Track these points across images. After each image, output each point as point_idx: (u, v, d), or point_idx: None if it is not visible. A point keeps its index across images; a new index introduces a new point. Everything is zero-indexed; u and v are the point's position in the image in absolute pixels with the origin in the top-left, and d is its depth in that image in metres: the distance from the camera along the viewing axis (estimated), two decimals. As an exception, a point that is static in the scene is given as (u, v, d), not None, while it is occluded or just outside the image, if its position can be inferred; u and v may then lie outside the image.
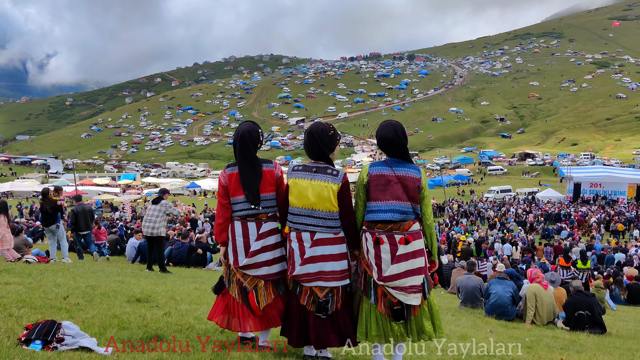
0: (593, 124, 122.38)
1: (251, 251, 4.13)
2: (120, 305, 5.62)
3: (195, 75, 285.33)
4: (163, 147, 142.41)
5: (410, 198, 3.85)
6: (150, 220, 11.00)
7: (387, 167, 3.91)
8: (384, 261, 3.85)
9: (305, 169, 3.97)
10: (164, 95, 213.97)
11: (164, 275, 10.44)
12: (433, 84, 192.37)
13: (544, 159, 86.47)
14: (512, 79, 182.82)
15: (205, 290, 7.95)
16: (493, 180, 72.08)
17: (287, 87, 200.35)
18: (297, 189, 3.95)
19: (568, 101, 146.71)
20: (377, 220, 3.87)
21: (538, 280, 9.04)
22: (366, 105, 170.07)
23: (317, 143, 3.95)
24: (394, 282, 3.83)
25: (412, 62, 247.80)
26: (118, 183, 73.39)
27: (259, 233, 4.14)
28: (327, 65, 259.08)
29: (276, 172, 4.19)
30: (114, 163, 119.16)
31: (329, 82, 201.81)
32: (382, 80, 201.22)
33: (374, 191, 3.89)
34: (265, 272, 4.15)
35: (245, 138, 4.12)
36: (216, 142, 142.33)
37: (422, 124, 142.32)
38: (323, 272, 3.91)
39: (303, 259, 3.92)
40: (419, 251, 3.90)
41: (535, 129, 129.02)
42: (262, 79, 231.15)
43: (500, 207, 43.72)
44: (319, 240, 3.90)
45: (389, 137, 3.92)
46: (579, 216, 36.58)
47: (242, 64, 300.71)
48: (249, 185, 4.08)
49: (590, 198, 47.32)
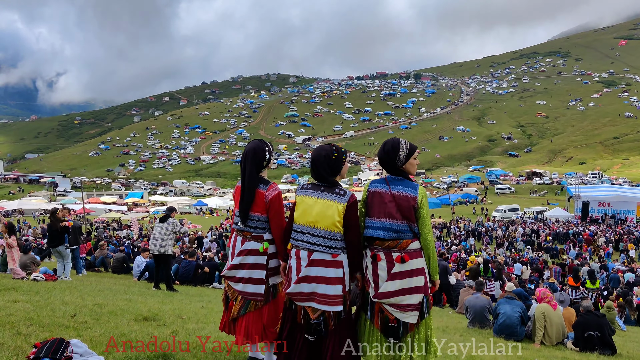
0: (600, 143, 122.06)
1: (231, 264, 4.27)
2: (128, 324, 5.62)
3: (203, 95, 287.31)
4: (170, 165, 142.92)
5: (405, 217, 3.84)
6: (158, 238, 11.03)
7: (384, 184, 3.95)
8: (380, 278, 3.85)
9: (313, 187, 3.99)
10: (172, 114, 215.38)
11: (171, 294, 10.43)
12: (440, 102, 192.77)
13: (552, 178, 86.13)
14: (518, 97, 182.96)
15: (212, 309, 7.94)
16: (501, 199, 71.78)
17: (294, 105, 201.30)
18: (302, 206, 3.95)
19: (575, 120, 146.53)
20: (372, 237, 3.90)
21: (547, 300, 8.97)
22: (373, 124, 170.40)
23: (319, 170, 3.96)
24: (389, 299, 3.82)
25: (418, 81, 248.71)
26: (125, 201, 73.62)
27: (240, 249, 4.24)
28: (334, 84, 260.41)
29: (266, 196, 4.15)
30: (121, 181, 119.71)
31: (335, 101, 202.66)
32: (388, 99, 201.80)
33: (371, 207, 3.95)
34: (240, 288, 4.24)
35: (248, 156, 4.21)
36: (223, 160, 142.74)
37: (428, 142, 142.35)
38: (316, 293, 3.85)
39: (298, 277, 3.88)
40: (417, 270, 3.86)
41: (543, 147, 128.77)
42: (269, 98, 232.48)
43: (508, 226, 43.48)
44: (315, 260, 3.85)
45: (380, 156, 4.03)
46: (588, 235, 36.29)
47: (250, 83, 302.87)
48: (242, 202, 4.17)
49: (598, 217, 47.00)
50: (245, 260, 4.20)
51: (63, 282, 10.25)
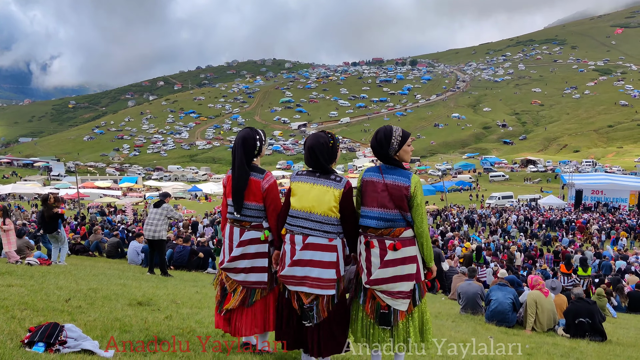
0: (595, 131, 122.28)
1: (232, 256, 4.23)
2: (122, 309, 5.64)
3: (198, 79, 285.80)
4: (165, 150, 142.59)
5: (397, 206, 3.83)
6: (152, 223, 11.04)
7: (378, 173, 3.93)
8: (373, 264, 3.86)
9: (309, 174, 4.00)
10: (167, 99, 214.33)
11: (165, 279, 10.47)
12: (435, 89, 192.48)
13: (546, 166, 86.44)
14: (514, 85, 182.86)
15: (206, 294, 7.98)
16: (495, 186, 72.03)
17: (290, 91, 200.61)
18: (299, 192, 3.96)
19: (570, 108, 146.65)
20: (365, 226, 3.91)
21: (539, 287, 9.05)
22: (368, 110, 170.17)
23: (317, 158, 3.97)
24: (381, 286, 3.84)
25: (414, 68, 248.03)
26: (119, 186, 73.44)
27: (240, 239, 4.21)
28: (330, 70, 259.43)
29: (262, 184, 4.15)
30: (116, 166, 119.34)
31: (331, 87, 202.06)
32: (384, 85, 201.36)
33: (364, 197, 3.94)
34: (241, 278, 4.22)
35: (240, 145, 4.18)
36: (218, 146, 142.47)
37: (424, 129, 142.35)
38: (308, 277, 3.87)
39: (292, 261, 3.90)
40: (410, 258, 3.87)
41: (537, 135, 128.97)
42: (264, 83, 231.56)
43: (502, 213, 43.69)
44: (311, 244, 3.88)
45: (372, 145, 4.01)
46: (581, 223, 36.52)
47: (245, 68, 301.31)
48: (234, 191, 4.15)
49: (591, 205, 47.26)
50: (247, 250, 4.20)
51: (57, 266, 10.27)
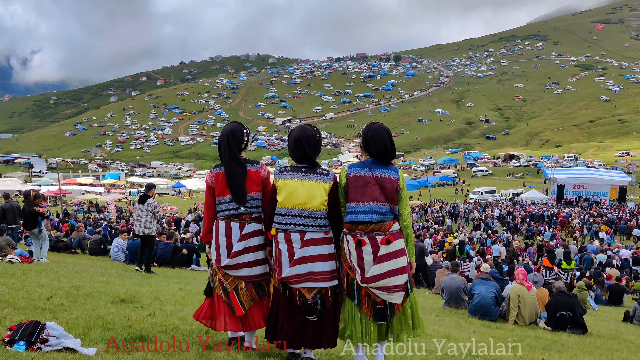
0: (577, 126, 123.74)
1: (233, 251, 4.16)
2: (105, 306, 5.60)
3: (181, 74, 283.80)
4: (148, 146, 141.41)
5: (388, 199, 3.88)
6: (141, 219, 10.98)
7: (365, 168, 3.93)
8: (366, 262, 3.87)
9: (294, 170, 3.99)
10: (150, 94, 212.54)
11: (149, 276, 10.40)
12: (419, 85, 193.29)
13: (528, 161, 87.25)
14: (497, 80, 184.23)
15: (190, 291, 7.94)
16: (478, 181, 72.57)
17: (274, 87, 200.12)
18: (286, 189, 3.94)
19: (552, 103, 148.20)
20: (357, 222, 3.89)
21: (520, 280, 9.15)
22: (352, 105, 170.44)
23: (304, 150, 3.97)
24: (377, 282, 3.85)
25: (398, 64, 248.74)
26: (102, 182, 72.76)
27: (241, 234, 4.16)
28: (314, 65, 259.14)
29: (262, 173, 4.21)
30: (98, 162, 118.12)
31: (315, 83, 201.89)
32: (368, 81, 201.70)
33: (353, 192, 3.92)
34: (246, 273, 4.17)
35: (229, 138, 4.15)
36: (202, 141, 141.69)
37: (407, 125, 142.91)
38: (313, 272, 3.90)
39: (293, 261, 3.89)
40: (401, 251, 3.92)
41: (520, 130, 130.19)
42: (248, 78, 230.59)
43: (485, 208, 44.05)
44: (310, 240, 3.90)
45: (385, 144, 3.94)
46: (563, 217, 36.94)
47: (229, 63, 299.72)
48: (235, 184, 4.10)
49: (573, 199, 47.84)
50: (250, 244, 4.16)
51: (39, 264, 10.15)
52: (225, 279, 4.19)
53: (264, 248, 4.21)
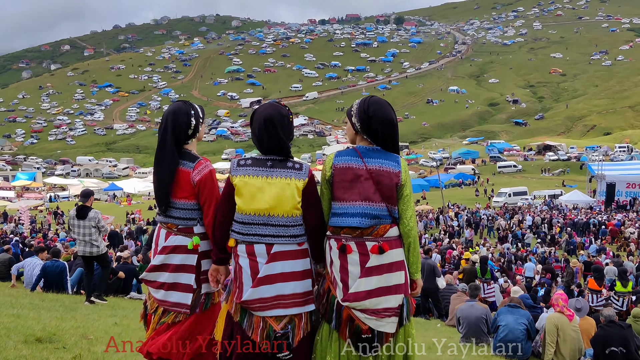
0: (631, 108, 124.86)
1: (151, 264, 4.19)
2: (15, 347, 5.55)
3: (116, 42, 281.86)
4: (72, 137, 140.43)
5: (385, 198, 3.82)
6: (83, 237, 10.75)
7: (356, 157, 3.88)
8: (350, 275, 3.81)
9: (256, 164, 3.91)
10: (74, 68, 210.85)
11: (74, 307, 10.31)
12: (427, 55, 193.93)
13: (569, 153, 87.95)
14: (528, 49, 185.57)
15: (128, 326, 7.89)
16: (504, 180, 73.05)
17: (238, 58, 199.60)
18: (247, 190, 3.87)
19: (599, 78, 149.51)
20: (342, 226, 3.85)
21: (560, 308, 9.20)
22: (342, 82, 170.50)
23: (277, 135, 3.90)
24: (362, 302, 3.76)
25: (400, 27, 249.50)
26: (12, 185, 71.99)
27: (163, 245, 4.18)
28: (291, 30, 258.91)
29: (193, 176, 4.13)
30: (6, 158, 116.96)
31: (293, 52, 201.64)
32: (362, 50, 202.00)
33: (339, 188, 3.88)
34: (160, 296, 4.17)
35: (167, 123, 4.14)
36: (143, 130, 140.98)
37: (413, 107, 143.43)
38: (282, 295, 3.82)
39: (256, 280, 3.81)
40: (398, 264, 3.85)
41: (558, 114, 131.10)
42: (204, 47, 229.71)
43: (513, 214, 44.30)
44: (278, 253, 3.83)
45: (394, 121, 3.95)
46: (614, 226, 37.19)
47: (179, 27, 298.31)
48: (159, 184, 4.12)
49: (627, 202, 48.29)
50: (169, 260, 4.14)
51: None
52: (149, 297, 4.27)
53: (190, 272, 4.16)
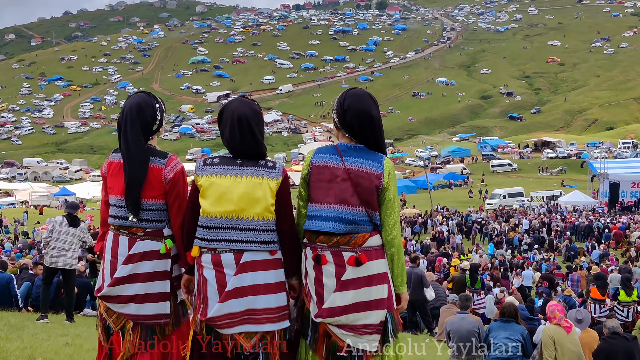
0: (635, 100, 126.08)
1: (115, 277, 4.11)
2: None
3: (67, 30, 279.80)
4: (18, 136, 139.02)
5: (364, 202, 3.81)
6: (67, 246, 10.94)
7: (335, 155, 3.87)
8: (325, 288, 3.80)
9: (225, 162, 3.89)
10: (20, 60, 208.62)
11: (21, 325, 10.22)
12: (413, 44, 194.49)
13: (569, 150, 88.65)
14: (523, 36, 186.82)
15: (81, 346, 7.85)
16: (498, 179, 73.43)
17: (204, 47, 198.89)
18: (214, 191, 3.84)
19: (601, 68, 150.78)
20: (315, 231, 3.84)
21: (557, 320, 9.25)
22: (319, 74, 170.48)
23: (253, 134, 3.89)
24: (338, 317, 3.76)
25: (383, 13, 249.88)
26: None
27: (128, 254, 4.12)
28: (262, 15, 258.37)
29: (165, 173, 4.13)
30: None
31: (264, 41, 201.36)
32: (341, 38, 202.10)
33: (315, 188, 3.88)
34: (132, 311, 4.12)
35: (133, 115, 4.11)
36: (98, 128, 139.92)
37: (398, 100, 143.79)
38: (253, 310, 3.78)
39: (224, 293, 3.75)
40: (378, 276, 3.84)
41: (556, 107, 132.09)
42: (166, 35, 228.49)
43: (508, 218, 44.54)
44: (248, 263, 3.79)
45: (372, 114, 3.91)
46: (618, 229, 37.42)
47: (137, 13, 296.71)
48: (131, 183, 4.06)
49: (632, 203, 48.78)
50: (139, 269, 4.09)
51: None
52: (108, 315, 4.18)
53: (164, 278, 4.15)
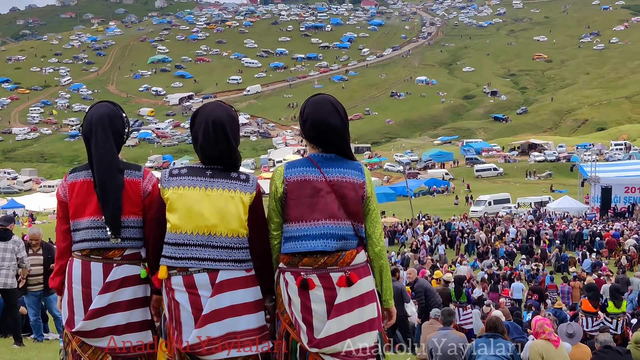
0: (628, 99, 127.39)
1: (92, 309, 4.05)
2: None
3: (14, 28, 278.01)
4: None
5: (351, 214, 3.82)
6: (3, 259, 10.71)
7: (312, 167, 3.86)
8: (315, 316, 3.77)
9: (193, 173, 3.87)
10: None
11: None
12: (391, 40, 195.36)
13: (557, 153, 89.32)
14: (507, 32, 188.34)
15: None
16: (483, 185, 73.79)
17: (164, 45, 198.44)
18: (183, 204, 3.80)
19: (591, 65, 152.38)
20: (302, 253, 3.80)
21: (545, 334, 9.28)
22: (289, 73, 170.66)
23: (229, 142, 3.87)
24: (334, 346, 3.74)
25: (358, 7, 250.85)
26: None
27: (106, 281, 4.06)
28: (227, 10, 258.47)
29: (143, 186, 4.14)
30: None
31: (230, 38, 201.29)
32: (313, 34, 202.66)
33: (295, 207, 3.84)
34: (112, 344, 4.07)
35: (103, 127, 4.06)
36: (49, 134, 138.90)
37: (375, 101, 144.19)
38: (235, 333, 3.76)
39: (201, 318, 3.73)
40: (369, 295, 3.86)
41: (543, 107, 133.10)
42: (123, 32, 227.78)
43: (494, 226, 44.69)
44: (225, 282, 3.77)
45: (331, 123, 3.87)
46: (610, 237, 37.67)
47: (90, 9, 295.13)
48: (110, 200, 4.00)
49: (625, 209, 49.21)
50: (119, 297, 4.06)
51: None
52: (83, 350, 4.12)
53: (145, 305, 4.13)
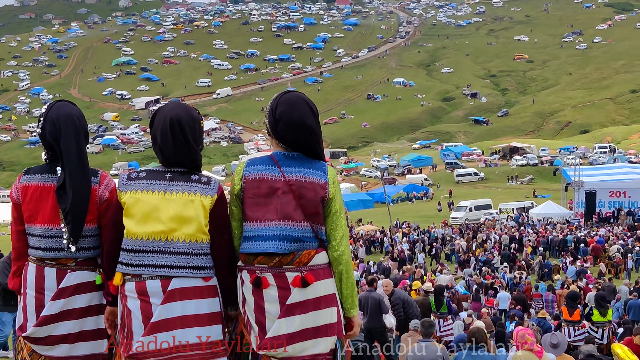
0: (612, 100, 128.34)
1: (43, 316, 4.05)
2: None
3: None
4: None
5: (309, 216, 3.79)
6: None
7: (272, 166, 3.84)
8: (268, 315, 3.76)
9: (152, 176, 3.83)
10: None
11: None
12: (367, 40, 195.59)
13: (540, 156, 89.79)
14: (487, 31, 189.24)
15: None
16: (463, 191, 73.99)
17: (129, 46, 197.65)
18: (139, 209, 3.77)
19: (573, 65, 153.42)
20: (255, 253, 3.80)
21: (527, 345, 9.36)
22: (261, 75, 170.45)
23: (187, 142, 3.83)
24: (283, 350, 3.72)
25: (332, 6, 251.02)
26: None
27: (59, 287, 4.06)
28: (195, 10, 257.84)
29: (100, 193, 4.14)
30: None
31: (199, 39, 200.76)
32: (285, 34, 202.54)
33: (251, 205, 3.83)
34: (63, 353, 4.09)
35: (69, 129, 4.05)
36: (8, 141, 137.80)
37: (351, 104, 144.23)
38: (184, 346, 3.71)
39: (150, 325, 3.70)
40: (327, 298, 3.83)
41: (525, 109, 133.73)
42: (85, 33, 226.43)
43: (475, 233, 44.82)
44: (177, 291, 3.73)
45: (307, 124, 3.87)
46: (595, 243, 37.87)
47: (51, 9, 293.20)
48: (74, 208, 3.99)
49: (610, 214, 49.56)
50: (72, 304, 4.06)
51: None
52: (33, 359, 4.13)
53: (100, 313, 4.11)
